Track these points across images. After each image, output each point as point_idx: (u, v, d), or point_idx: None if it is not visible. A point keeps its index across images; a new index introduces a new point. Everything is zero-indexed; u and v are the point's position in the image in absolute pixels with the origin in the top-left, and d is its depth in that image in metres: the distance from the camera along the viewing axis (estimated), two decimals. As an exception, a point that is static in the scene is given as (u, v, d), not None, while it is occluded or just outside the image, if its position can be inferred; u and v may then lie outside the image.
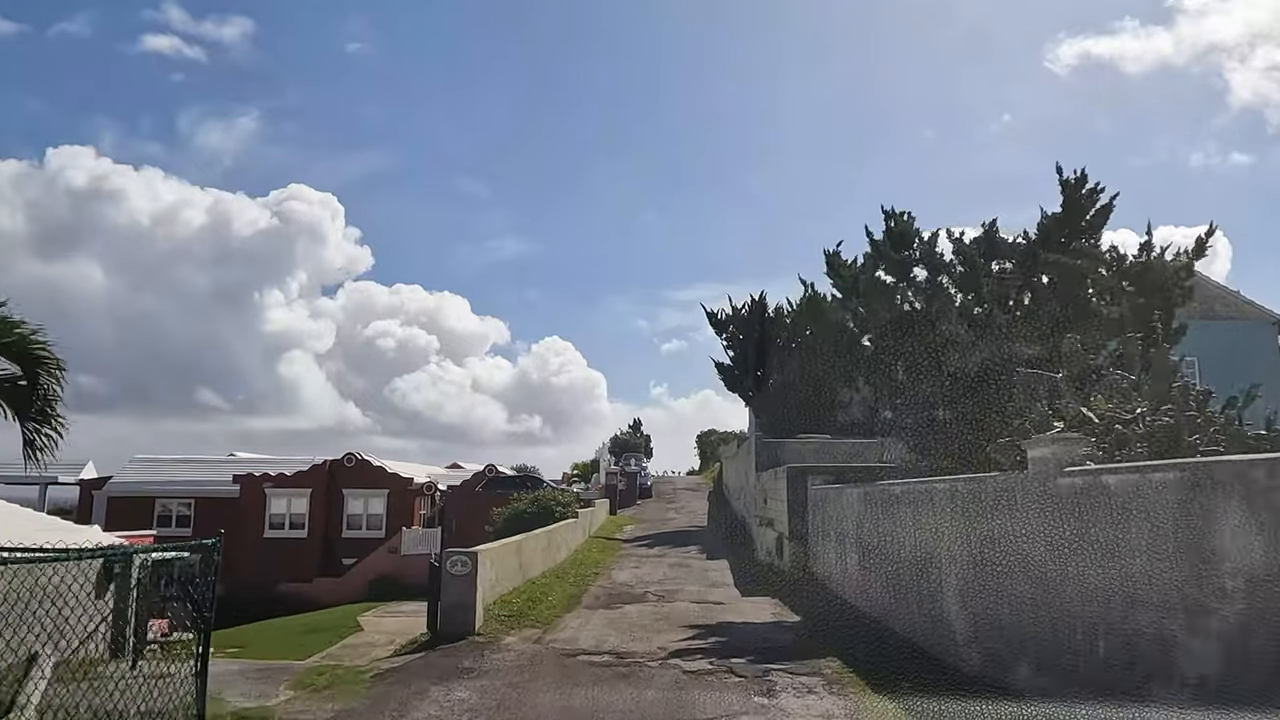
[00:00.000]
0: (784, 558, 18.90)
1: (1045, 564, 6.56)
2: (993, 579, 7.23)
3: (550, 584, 16.72)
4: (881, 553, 11.41)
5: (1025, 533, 6.75)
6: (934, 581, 8.87)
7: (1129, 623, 5.58)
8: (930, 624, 9.06)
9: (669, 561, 22.74)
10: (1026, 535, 6.75)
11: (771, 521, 21.31)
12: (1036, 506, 6.59)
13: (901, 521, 10.32)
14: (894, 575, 10.73)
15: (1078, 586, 6.21)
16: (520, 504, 24.74)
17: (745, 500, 30.42)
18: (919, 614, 9.56)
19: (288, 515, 40.23)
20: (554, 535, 19.73)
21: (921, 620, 9.50)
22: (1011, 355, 13.94)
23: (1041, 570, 6.64)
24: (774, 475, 21.23)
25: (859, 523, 13.04)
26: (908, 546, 9.95)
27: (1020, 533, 6.81)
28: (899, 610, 10.55)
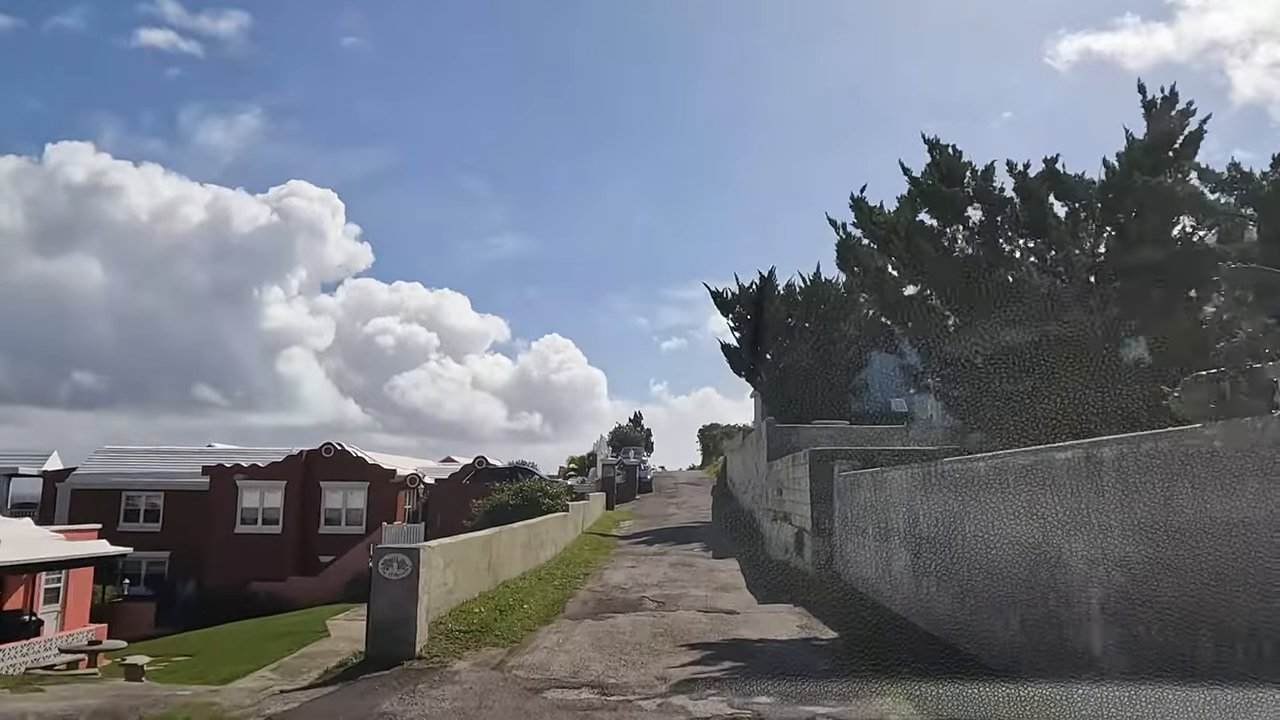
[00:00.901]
0: (805, 556, 16.21)
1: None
2: (1182, 589, 4.52)
3: (529, 588, 14.03)
4: (950, 552, 8.71)
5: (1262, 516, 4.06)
6: (1055, 592, 6.16)
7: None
8: (1044, 651, 6.35)
9: (670, 560, 20.05)
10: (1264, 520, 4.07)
11: (788, 515, 18.61)
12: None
13: (989, 509, 7.61)
14: (972, 582, 8.03)
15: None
16: (503, 495, 22.09)
17: (754, 493, 27.72)
18: (1021, 636, 6.85)
19: (260, 509, 37.51)
20: (537, 530, 17.03)
21: (1025, 644, 6.80)
22: (1103, 306, 11.27)
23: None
24: (790, 463, 18.53)
25: (911, 513, 10.34)
26: (1002, 543, 7.24)
27: (1254, 516, 4.12)
28: (980, 629, 7.84)
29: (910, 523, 10.41)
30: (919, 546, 10.04)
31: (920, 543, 9.99)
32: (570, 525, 22.78)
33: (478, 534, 12.29)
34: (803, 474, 16.50)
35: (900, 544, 10.81)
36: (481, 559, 12.19)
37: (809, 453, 15.87)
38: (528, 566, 16.02)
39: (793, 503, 17.98)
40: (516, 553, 15.06)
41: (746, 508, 29.92)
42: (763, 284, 31.80)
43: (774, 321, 30.87)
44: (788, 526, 18.35)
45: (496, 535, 13.20)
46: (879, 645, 8.82)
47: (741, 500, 32.79)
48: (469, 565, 11.47)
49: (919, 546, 10.04)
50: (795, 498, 17.56)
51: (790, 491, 18.31)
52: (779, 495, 20.32)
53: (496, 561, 13.20)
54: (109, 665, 19.09)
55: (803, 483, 16.54)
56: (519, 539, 15.19)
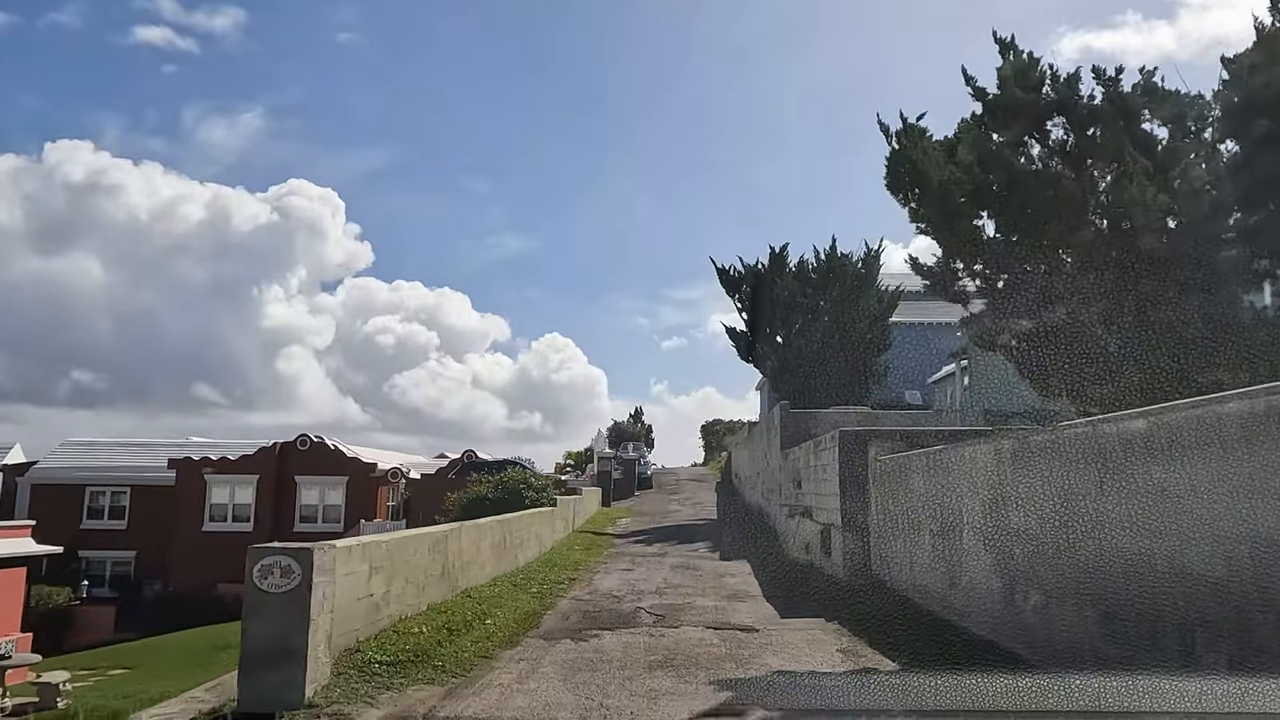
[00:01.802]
0: (833, 557, 13.57)
1: None
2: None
3: (498, 597, 11.40)
4: (1073, 552, 6.05)
5: None
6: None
7: None
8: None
9: (671, 562, 17.41)
10: None
11: (808, 510, 15.96)
12: None
13: (1164, 487, 4.95)
14: (1126, 594, 5.37)
15: None
16: (481, 487, 19.46)
17: (763, 487, 25.06)
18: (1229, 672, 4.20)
19: (230, 505, 34.85)
20: (514, 526, 14.39)
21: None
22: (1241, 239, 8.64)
23: None
24: (811, 450, 15.88)
25: (995, 500, 7.69)
26: (1208, 536, 4.59)
27: None
28: (1149, 661, 5.19)
29: (993, 513, 7.76)
30: (1009, 545, 7.39)
31: (1012, 539, 7.34)
32: (559, 522, 20.13)
33: (426, 531, 9.64)
34: (829, 460, 13.85)
35: (977, 541, 8.15)
36: (431, 562, 9.54)
37: (839, 434, 13.21)
38: (501, 570, 13.39)
39: (815, 495, 15.33)
40: (485, 554, 12.41)
41: (755, 503, 27.26)
42: (773, 260, 29.13)
43: (785, 301, 28.21)
44: (809, 523, 15.71)
45: (454, 532, 10.54)
46: (974, 687, 6.16)
47: (749, 496, 30.14)
48: (411, 570, 8.82)
49: (1009, 545, 7.39)
50: (819, 489, 14.91)
51: (812, 482, 15.66)
52: (796, 488, 17.66)
53: (455, 565, 10.55)
54: (20, 685, 16.47)
55: (829, 471, 13.89)
56: (489, 537, 12.54)
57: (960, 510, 8.58)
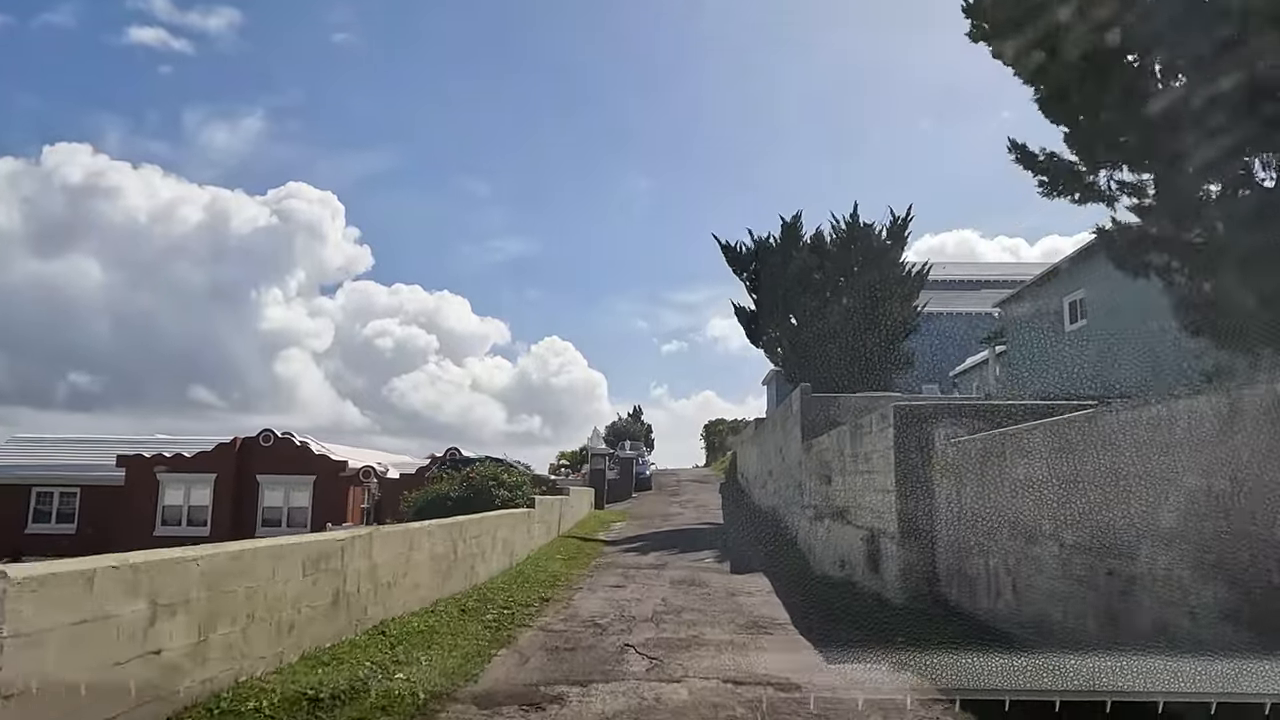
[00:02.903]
0: (884, 573, 10.36)
1: None
2: None
3: (430, 632, 8.22)
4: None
5: None
6: None
7: None
8: None
9: (671, 576, 14.21)
10: None
11: (843, 511, 12.77)
12: None
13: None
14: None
15: None
16: (443, 484, 16.32)
17: (778, 487, 21.87)
18: None
19: (185, 508, 31.62)
20: (468, 531, 11.19)
21: None
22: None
23: None
24: (849, 436, 12.70)
25: (1230, 492, 4.48)
26: None
27: None
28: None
29: (1222, 511, 4.57)
30: (1257, 562, 4.20)
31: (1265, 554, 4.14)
32: (538, 526, 16.93)
33: (295, 542, 6.43)
34: (877, 447, 10.66)
35: (1181, 556, 4.95)
36: (312, 587, 6.35)
37: (893, 410, 10.02)
38: (449, 590, 10.21)
39: (854, 492, 12.14)
40: (421, 570, 9.21)
41: (767, 505, 24.07)
42: (786, 232, 25.96)
43: (799, 277, 25.03)
44: (844, 528, 12.51)
45: (356, 543, 7.33)
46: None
47: (758, 497, 26.95)
48: (267, 603, 5.64)
49: (1257, 562, 4.20)
50: (860, 484, 11.72)
51: (849, 476, 12.47)
52: (825, 484, 14.47)
53: (361, 589, 7.36)
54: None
55: (877, 461, 10.70)
56: (425, 547, 9.34)
57: (1147, 506, 5.36)
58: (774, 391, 48.18)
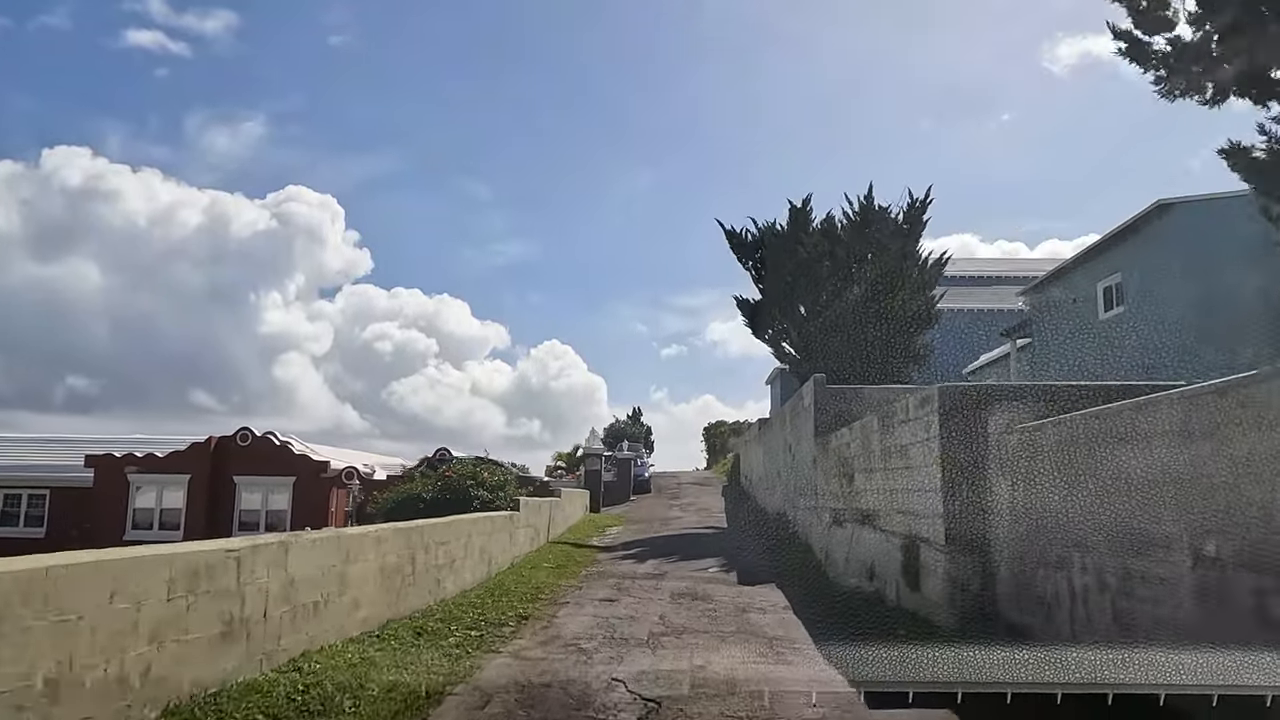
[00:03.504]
0: (925, 587, 8.65)
1: None
2: None
3: (365, 664, 6.54)
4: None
5: None
6: None
7: None
8: None
9: (672, 588, 12.51)
10: None
11: (871, 515, 11.08)
12: None
13: None
14: None
15: None
16: (414, 484, 14.68)
17: (787, 489, 20.18)
18: None
19: (158, 510, 29.90)
20: (431, 537, 9.51)
21: None
22: None
23: None
24: (877, 428, 11.02)
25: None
26: None
27: None
28: None
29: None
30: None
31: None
32: (523, 531, 15.23)
33: (171, 552, 4.76)
34: (916, 438, 8.97)
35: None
36: (186, 613, 4.67)
37: (938, 393, 8.33)
38: (405, 608, 8.53)
39: (884, 492, 10.45)
40: (365, 585, 7.53)
41: (774, 508, 22.37)
42: (794, 217, 24.27)
43: (809, 265, 23.33)
44: (871, 533, 10.81)
45: (267, 552, 5.66)
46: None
47: (765, 500, 25.25)
48: (103, 640, 3.94)
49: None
50: (893, 482, 10.02)
51: (879, 473, 10.78)
52: (846, 484, 12.78)
53: (270, 614, 5.68)
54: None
55: (916, 455, 9.01)
56: (370, 556, 7.65)
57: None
58: (778, 390, 46.51)
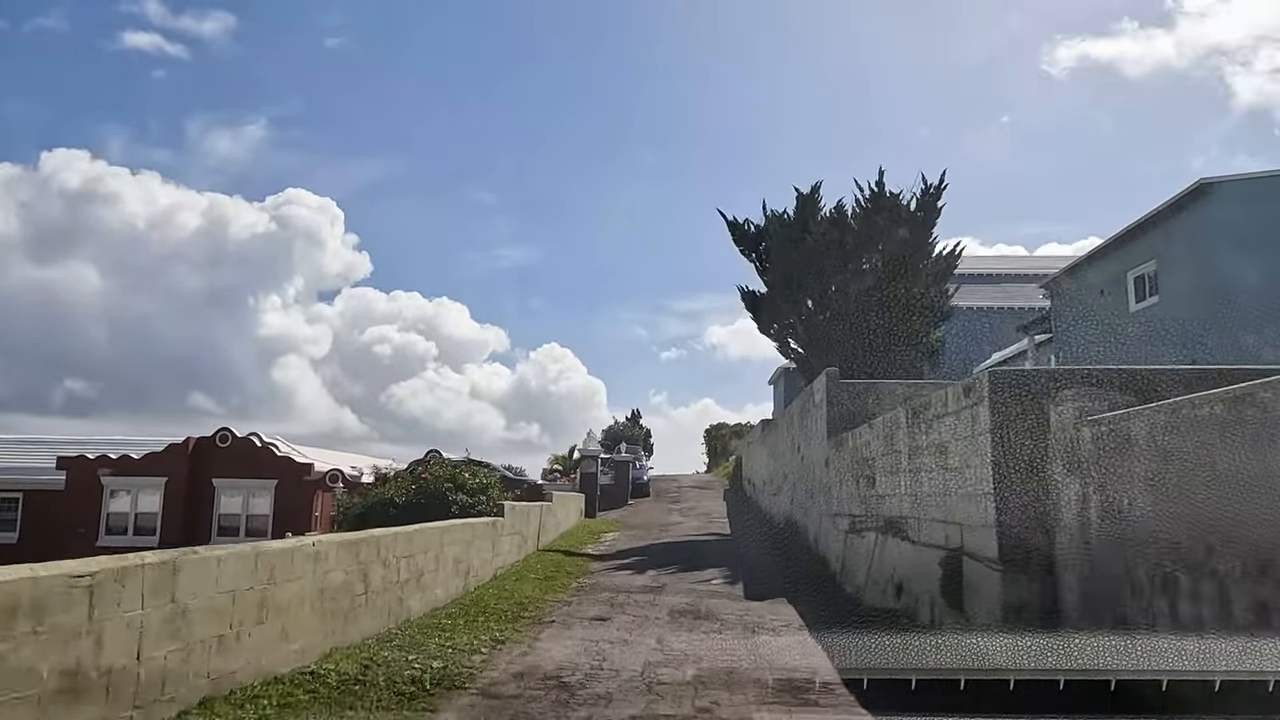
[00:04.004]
0: (971, 608, 7.27)
1: None
2: None
3: (296, 707, 5.19)
4: None
5: None
6: None
7: None
8: None
9: (671, 604, 11.15)
10: None
11: (898, 523, 9.72)
12: None
13: None
14: None
15: None
16: (386, 487, 13.36)
17: (795, 492, 18.82)
18: None
19: (132, 515, 28.51)
20: (390, 550, 8.18)
21: None
22: None
23: None
24: (904, 424, 9.67)
25: None
26: None
27: None
28: None
29: None
30: None
31: None
32: (507, 539, 13.88)
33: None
34: (959, 433, 7.63)
35: None
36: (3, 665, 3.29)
37: (987, 378, 6.98)
38: (355, 634, 7.19)
39: (915, 497, 9.10)
40: (300, 611, 6.19)
41: (781, 513, 21.01)
42: (801, 205, 22.95)
43: (817, 255, 22.00)
44: (903, 545, 9.45)
45: (144, 575, 4.31)
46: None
47: (770, 505, 23.88)
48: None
49: None
50: (927, 484, 8.68)
51: (906, 474, 9.43)
52: (865, 487, 11.44)
53: (159, 652, 4.34)
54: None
55: (958, 453, 7.68)
56: (310, 576, 6.32)
57: None
58: (781, 391, 45.17)
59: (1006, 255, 47.54)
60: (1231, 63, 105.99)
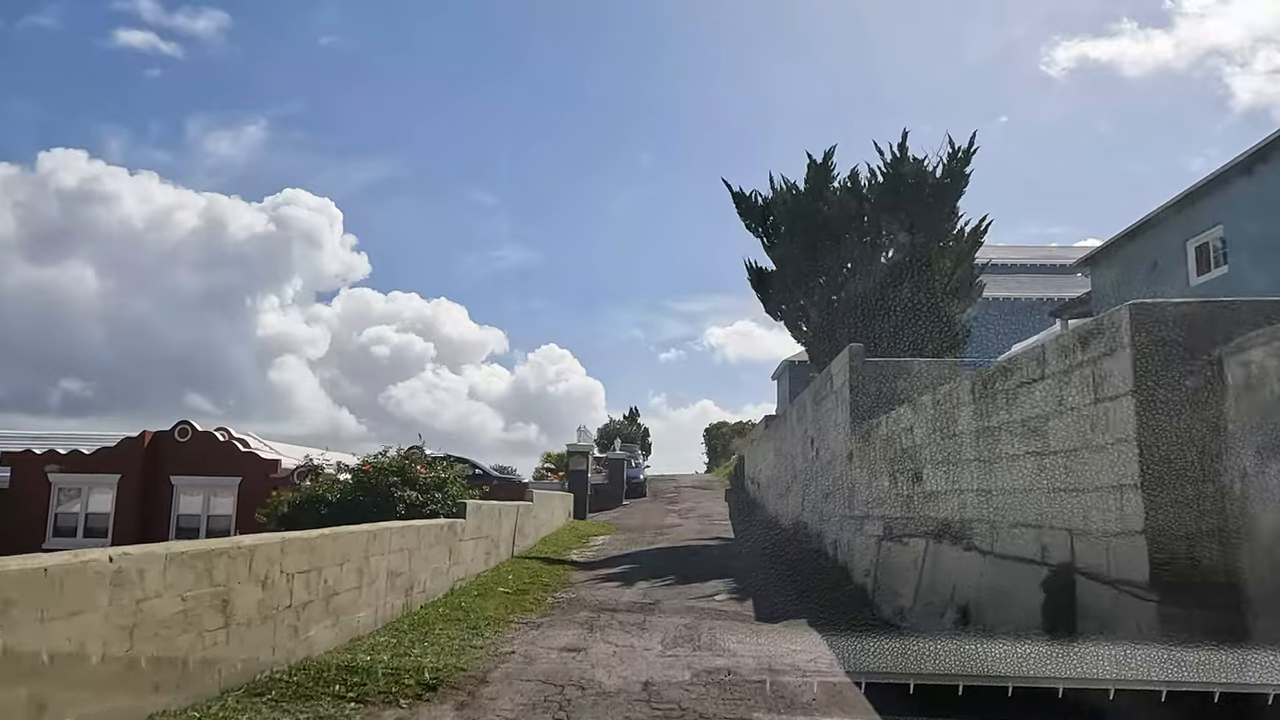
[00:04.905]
0: (1091, 647, 5.01)
1: None
2: None
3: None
4: None
5: None
6: None
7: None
8: None
9: (665, 629, 8.89)
10: None
11: (958, 527, 7.47)
12: None
13: None
14: None
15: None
16: (321, 485, 11.15)
17: (809, 493, 16.57)
18: None
19: (83, 515, 26.19)
20: (284, 564, 5.93)
21: None
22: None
23: None
24: (968, 397, 7.44)
25: None
26: None
27: None
28: None
29: None
30: None
31: None
32: (470, 544, 11.64)
33: None
34: (1073, 400, 5.40)
35: None
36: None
37: (1128, 317, 4.76)
38: (211, 684, 4.97)
39: (989, 496, 6.86)
40: (87, 664, 3.89)
41: (790, 516, 18.77)
42: (813, 174, 20.70)
43: (833, 226, 19.78)
44: (968, 557, 7.21)
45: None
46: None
47: (777, 506, 21.64)
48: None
49: None
50: (1010, 480, 6.42)
51: (966, 467, 7.18)
52: (910, 484, 9.20)
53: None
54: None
55: (1070, 430, 5.45)
56: (111, 605, 4.06)
57: None
58: (786, 385, 42.97)
59: (1020, 246, 45.36)
60: (1230, 64, 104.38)
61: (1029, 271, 40.38)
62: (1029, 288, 37.28)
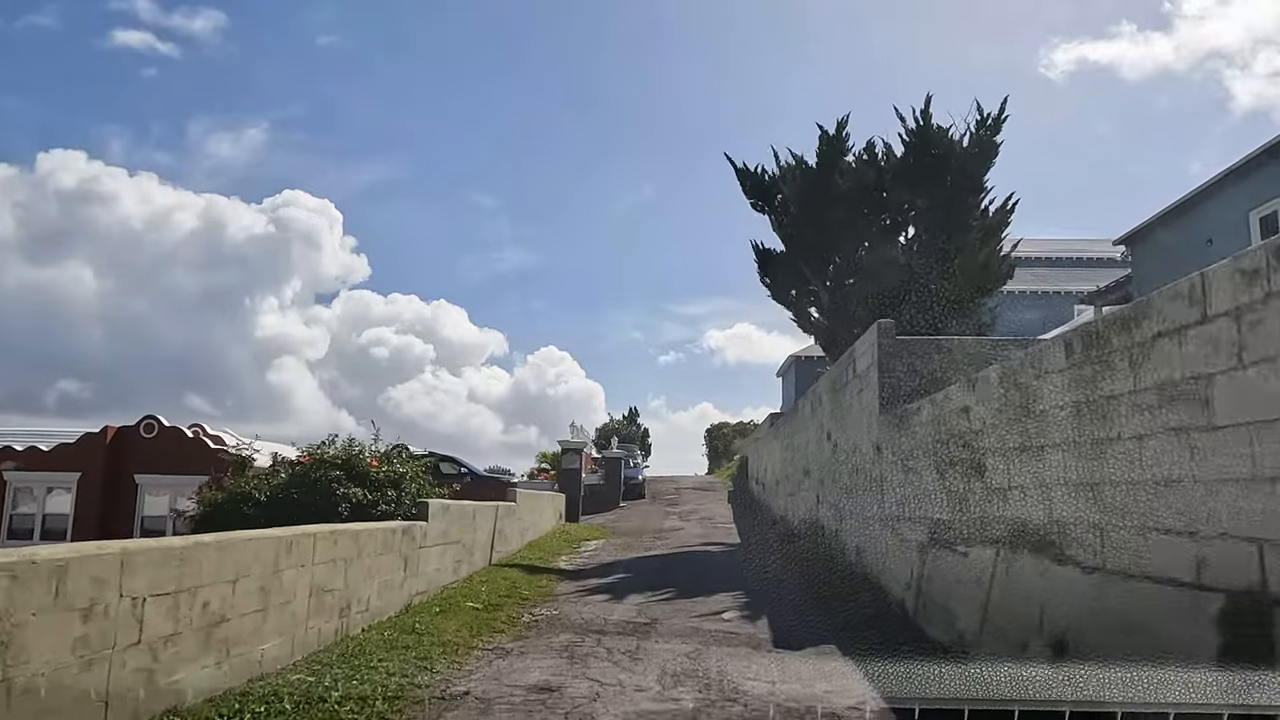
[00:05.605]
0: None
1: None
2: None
3: None
4: None
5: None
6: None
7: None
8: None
9: (663, 660, 7.13)
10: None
11: (1045, 538, 5.71)
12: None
13: None
14: None
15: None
16: (247, 483, 9.56)
17: (824, 492, 14.81)
18: None
19: (40, 516, 24.46)
20: (88, 587, 4.13)
21: None
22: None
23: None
24: (1057, 366, 5.68)
25: None
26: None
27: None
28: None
29: None
30: None
31: None
32: (435, 551, 9.89)
33: None
34: (1254, 348, 3.66)
35: None
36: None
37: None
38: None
39: (1101, 489, 5.11)
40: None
41: (802, 518, 17.00)
42: (826, 147, 18.95)
43: (846, 201, 18.04)
44: (1064, 574, 5.47)
45: None
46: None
47: (786, 507, 19.87)
48: None
49: None
50: (1126, 469, 4.68)
51: (1056, 454, 5.43)
52: (966, 479, 7.45)
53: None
54: None
55: (1245, 394, 3.70)
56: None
57: None
58: (792, 381, 41.29)
59: (1037, 239, 43.66)
60: (1230, 66, 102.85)
61: (1045, 265, 38.84)
62: (1047, 280, 35.73)
